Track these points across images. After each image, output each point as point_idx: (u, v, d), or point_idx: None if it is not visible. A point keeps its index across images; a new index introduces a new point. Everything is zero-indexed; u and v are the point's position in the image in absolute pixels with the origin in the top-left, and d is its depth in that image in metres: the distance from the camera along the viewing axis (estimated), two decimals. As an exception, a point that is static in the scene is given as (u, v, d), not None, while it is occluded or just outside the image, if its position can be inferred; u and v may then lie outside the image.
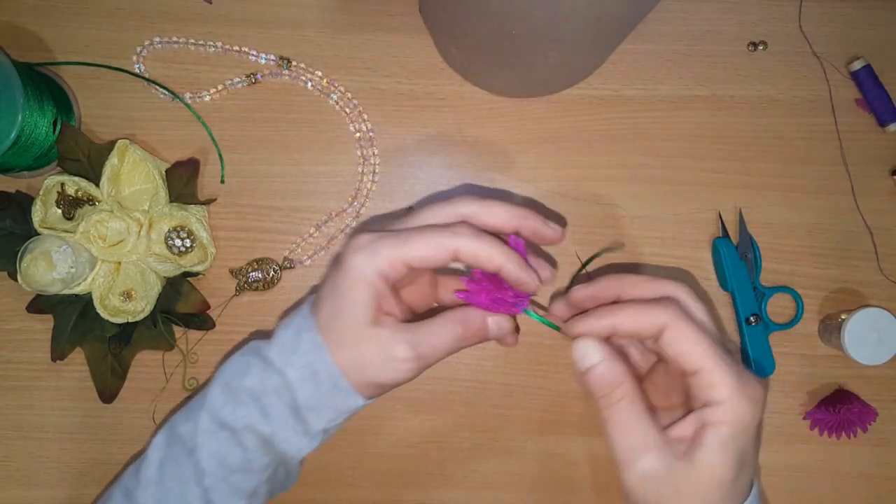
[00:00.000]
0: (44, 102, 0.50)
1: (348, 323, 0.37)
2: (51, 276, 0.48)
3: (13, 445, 0.54)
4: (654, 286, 0.37)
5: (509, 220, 0.38)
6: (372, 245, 0.36)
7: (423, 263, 0.36)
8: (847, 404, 0.54)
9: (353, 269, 0.36)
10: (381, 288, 0.37)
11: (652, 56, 0.56)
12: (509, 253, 0.37)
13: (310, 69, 0.55)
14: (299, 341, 0.38)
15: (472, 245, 0.36)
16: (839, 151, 0.57)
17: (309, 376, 0.38)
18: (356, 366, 0.37)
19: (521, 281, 0.37)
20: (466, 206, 0.38)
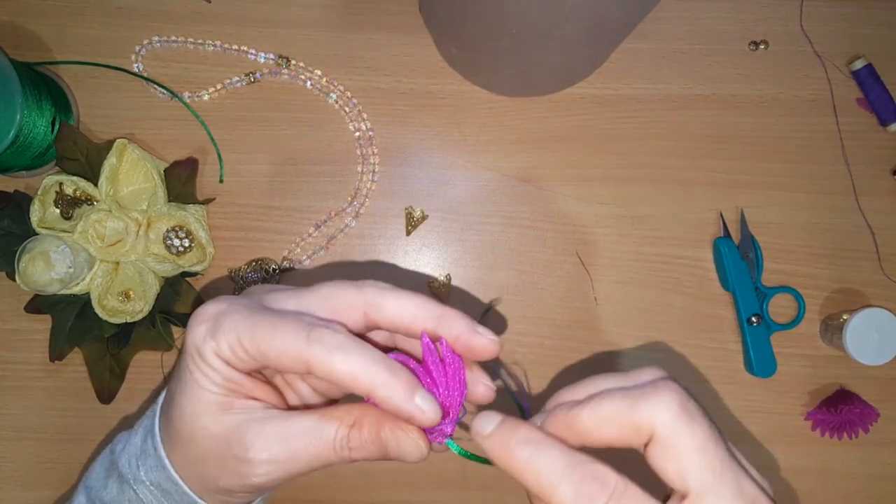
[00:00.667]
0: (42, 102, 0.50)
1: (183, 415, 0.29)
2: (49, 276, 0.48)
3: (11, 446, 0.53)
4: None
5: (421, 316, 0.28)
6: (216, 319, 0.28)
7: (269, 363, 0.27)
8: (848, 405, 0.54)
9: (190, 345, 0.28)
10: (223, 370, 0.28)
11: (653, 55, 0.56)
12: (387, 372, 0.26)
13: (309, 68, 0.55)
14: (146, 451, 0.31)
15: (331, 361, 0.26)
16: (840, 151, 0.57)
17: (161, 495, 0.31)
18: (198, 473, 0.29)
19: (399, 413, 0.27)
20: (371, 292, 0.28)
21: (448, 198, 0.55)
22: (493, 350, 0.29)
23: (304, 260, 0.54)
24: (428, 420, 0.27)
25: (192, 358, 0.28)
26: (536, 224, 0.55)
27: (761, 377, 0.55)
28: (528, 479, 0.26)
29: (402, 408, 0.26)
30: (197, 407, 0.28)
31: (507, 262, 0.55)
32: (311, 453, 0.28)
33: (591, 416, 0.26)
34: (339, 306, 0.29)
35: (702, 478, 0.24)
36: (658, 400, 0.25)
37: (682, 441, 0.24)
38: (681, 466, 0.24)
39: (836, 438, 0.56)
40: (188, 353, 0.28)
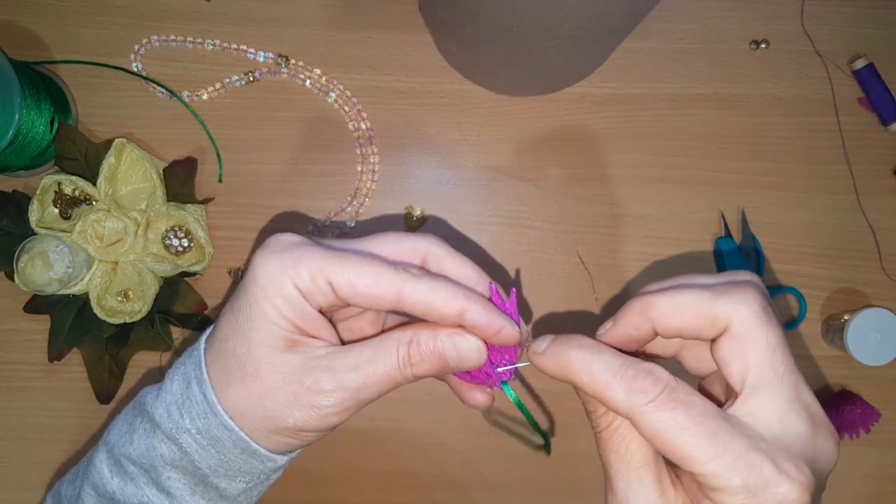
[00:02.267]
0: (41, 101, 0.50)
1: (249, 349, 0.28)
2: (48, 276, 0.48)
3: (10, 446, 0.53)
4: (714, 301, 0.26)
5: (474, 280, 0.30)
6: (293, 250, 0.28)
7: (355, 295, 0.28)
8: (850, 405, 0.54)
9: (262, 276, 0.28)
10: (298, 303, 0.28)
11: (653, 54, 0.56)
12: (476, 296, 0.28)
13: (308, 67, 0.55)
14: (189, 397, 0.30)
15: (424, 288, 0.27)
16: (841, 150, 0.57)
17: (207, 444, 0.29)
18: (260, 412, 0.29)
19: (491, 327, 0.28)
20: (432, 245, 0.30)
21: (448, 198, 0.55)
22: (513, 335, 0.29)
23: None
24: (515, 334, 0.29)
25: (264, 290, 0.28)
26: (536, 224, 0.55)
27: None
28: (584, 380, 0.26)
29: (493, 322, 0.28)
30: (265, 341, 0.28)
31: (507, 262, 0.55)
32: (378, 376, 0.28)
33: (669, 302, 0.27)
34: (401, 251, 0.30)
35: (763, 375, 0.25)
36: (742, 297, 0.25)
37: (756, 338, 0.25)
38: (746, 362, 0.25)
39: (837, 439, 0.55)
40: (258, 285, 0.28)
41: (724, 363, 0.26)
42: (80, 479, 0.33)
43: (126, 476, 0.31)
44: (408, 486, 0.55)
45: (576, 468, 0.55)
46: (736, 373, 0.25)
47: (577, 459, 0.55)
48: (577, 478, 0.55)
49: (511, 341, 0.29)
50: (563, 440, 0.55)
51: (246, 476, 0.31)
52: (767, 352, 0.25)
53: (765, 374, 0.25)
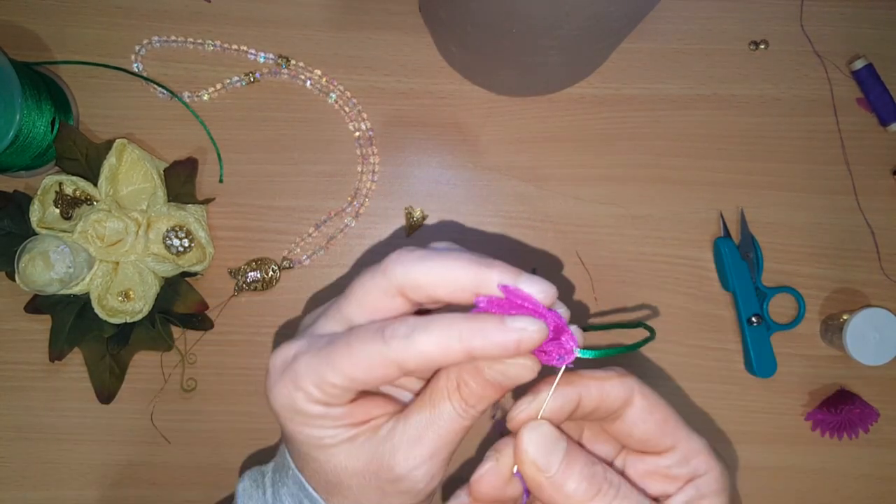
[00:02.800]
0: (42, 102, 0.50)
1: (322, 464, 0.28)
2: (49, 276, 0.48)
3: (11, 446, 0.53)
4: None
5: (461, 280, 0.26)
6: (290, 371, 0.27)
7: (361, 386, 0.26)
8: (849, 405, 0.54)
9: (280, 409, 0.27)
10: (324, 413, 0.27)
11: (653, 55, 0.56)
12: (472, 323, 0.24)
13: (309, 68, 0.55)
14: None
15: (418, 350, 0.24)
16: (840, 151, 0.57)
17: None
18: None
19: (507, 347, 0.24)
20: (397, 273, 0.26)
21: (448, 198, 0.55)
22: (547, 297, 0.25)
23: (304, 260, 0.54)
24: (536, 334, 0.24)
25: (291, 419, 0.27)
26: (536, 224, 0.55)
27: (761, 377, 0.55)
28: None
29: (503, 342, 0.24)
30: (328, 455, 0.28)
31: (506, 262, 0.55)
32: (445, 435, 0.27)
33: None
34: (375, 303, 0.27)
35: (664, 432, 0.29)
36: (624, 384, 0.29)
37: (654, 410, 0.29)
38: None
39: (836, 438, 0.55)
40: (284, 418, 0.27)
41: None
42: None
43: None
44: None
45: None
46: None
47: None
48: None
49: (535, 345, 0.24)
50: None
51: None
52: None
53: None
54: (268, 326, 0.54)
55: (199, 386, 0.54)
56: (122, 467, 0.54)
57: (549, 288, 0.25)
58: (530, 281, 0.25)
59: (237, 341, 0.54)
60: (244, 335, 0.54)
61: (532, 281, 0.25)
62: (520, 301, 0.25)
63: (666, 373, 0.56)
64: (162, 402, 0.54)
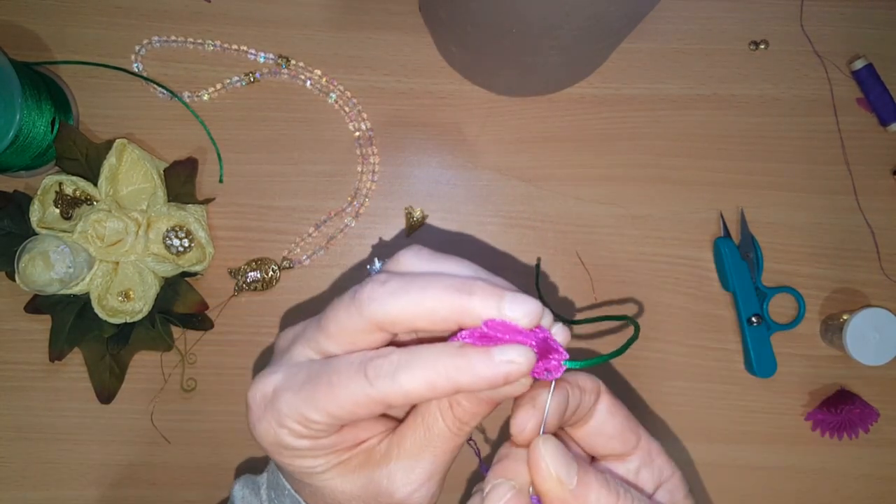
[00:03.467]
0: (42, 102, 0.50)
1: (319, 491, 0.28)
2: (49, 276, 0.48)
3: (11, 446, 0.53)
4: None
5: (436, 310, 0.24)
6: (272, 406, 0.26)
7: (344, 422, 0.26)
8: (849, 405, 0.54)
9: (268, 446, 0.27)
10: (312, 445, 0.26)
11: (653, 55, 0.56)
12: (457, 359, 0.24)
13: (309, 68, 0.55)
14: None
15: (399, 388, 0.24)
16: (840, 151, 0.57)
17: None
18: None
19: (496, 381, 0.23)
20: (371, 309, 0.24)
21: (448, 198, 0.55)
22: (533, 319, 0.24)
23: (304, 260, 0.54)
24: (524, 366, 0.23)
25: (280, 453, 0.27)
26: (536, 224, 0.55)
27: (761, 377, 0.55)
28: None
29: (492, 376, 0.23)
30: (323, 482, 0.27)
31: (507, 262, 0.55)
32: (439, 456, 0.27)
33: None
34: (353, 339, 0.26)
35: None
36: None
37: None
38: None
39: (836, 438, 0.55)
40: (273, 453, 0.27)
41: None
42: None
43: None
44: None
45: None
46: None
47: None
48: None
49: (523, 375, 0.23)
50: (562, 440, 0.55)
51: None
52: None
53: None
54: (268, 326, 0.54)
55: (199, 386, 0.54)
56: (122, 467, 0.54)
57: (535, 308, 0.24)
58: (513, 303, 0.24)
59: (237, 341, 0.54)
60: (244, 335, 0.54)
61: (515, 303, 0.24)
62: (504, 332, 0.24)
63: (666, 373, 0.56)
64: (162, 402, 0.54)
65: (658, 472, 0.30)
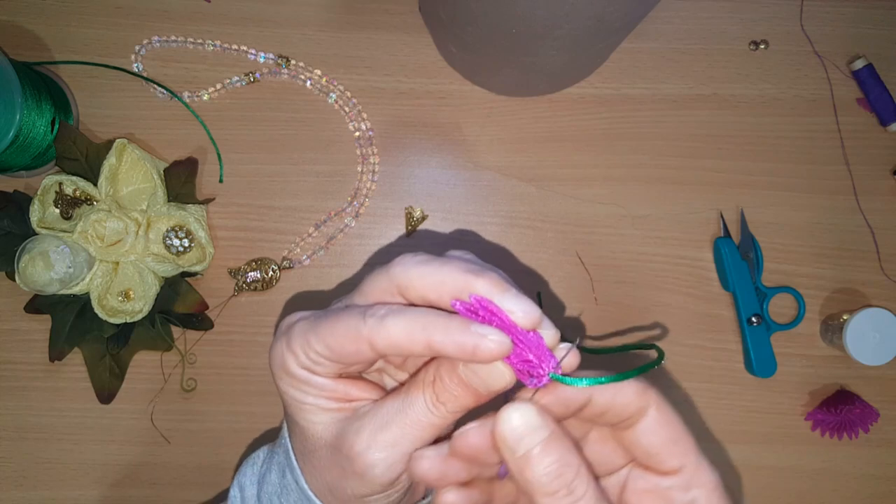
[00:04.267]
0: (42, 102, 0.50)
1: (303, 429, 0.29)
2: (48, 276, 0.48)
3: (11, 446, 0.53)
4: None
5: (448, 288, 0.26)
6: (287, 332, 0.28)
7: (338, 358, 0.27)
8: (848, 405, 0.54)
9: (274, 367, 0.29)
10: (308, 379, 0.28)
11: (653, 55, 0.56)
12: (440, 317, 0.25)
13: (309, 68, 0.55)
14: (285, 486, 0.31)
15: (387, 332, 0.25)
16: (841, 151, 0.57)
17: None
18: (325, 487, 0.29)
19: (465, 347, 0.25)
20: (397, 272, 0.27)
21: (448, 198, 0.55)
22: (527, 317, 0.25)
23: (304, 260, 0.54)
24: (494, 345, 0.24)
25: (281, 378, 0.29)
26: (536, 224, 0.55)
27: (761, 377, 0.55)
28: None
29: (463, 341, 0.25)
30: (307, 422, 0.29)
31: (507, 263, 0.55)
32: (411, 426, 0.27)
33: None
34: (378, 298, 0.28)
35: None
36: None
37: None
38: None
39: (836, 438, 0.55)
40: (276, 376, 0.29)
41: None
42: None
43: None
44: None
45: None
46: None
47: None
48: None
49: (496, 354, 0.25)
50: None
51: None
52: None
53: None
54: (268, 326, 0.54)
55: (199, 386, 0.54)
56: (122, 467, 0.54)
57: (531, 310, 0.25)
58: (513, 300, 0.25)
59: (237, 341, 0.54)
60: (244, 335, 0.54)
61: (514, 300, 0.25)
62: (491, 314, 0.25)
63: (666, 373, 0.56)
64: (162, 402, 0.54)
65: (691, 499, 0.28)
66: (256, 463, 0.35)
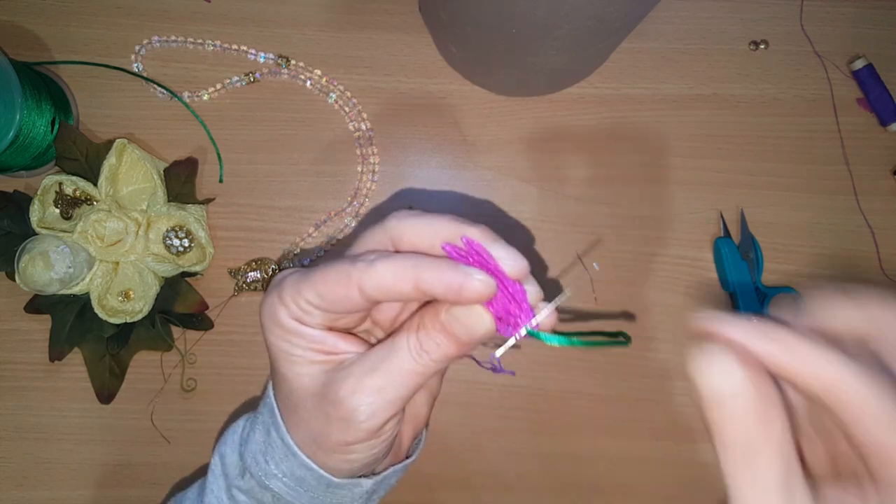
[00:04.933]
0: (42, 102, 0.50)
1: (288, 383, 0.30)
2: (48, 276, 0.48)
3: (11, 446, 0.53)
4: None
5: (439, 238, 0.27)
6: (278, 285, 0.29)
7: (328, 304, 0.28)
8: (849, 405, 0.54)
9: (263, 318, 0.29)
10: (297, 329, 0.29)
11: (653, 55, 0.56)
12: (429, 260, 0.26)
13: (309, 68, 0.55)
14: (270, 443, 0.32)
15: (375, 274, 0.26)
16: (841, 151, 0.57)
17: (295, 484, 0.31)
18: (309, 437, 0.30)
19: (452, 286, 0.25)
20: (391, 224, 0.28)
21: (448, 198, 0.55)
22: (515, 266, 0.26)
23: (304, 260, 0.54)
24: (480, 284, 0.25)
25: (269, 329, 0.29)
26: (536, 224, 0.55)
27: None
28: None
29: (451, 278, 0.25)
30: (292, 371, 0.29)
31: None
32: (395, 372, 0.28)
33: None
34: (372, 244, 0.29)
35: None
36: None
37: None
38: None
39: (837, 438, 0.55)
40: (264, 327, 0.29)
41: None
42: (200, 496, 0.36)
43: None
44: (408, 487, 0.55)
45: (576, 469, 0.55)
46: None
47: (577, 460, 0.55)
48: (577, 478, 0.55)
49: (481, 294, 0.25)
50: (563, 441, 0.55)
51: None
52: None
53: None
54: (268, 326, 0.54)
55: (199, 386, 0.54)
56: (122, 467, 0.54)
57: (519, 260, 0.26)
58: (503, 248, 0.26)
59: (237, 341, 0.54)
60: (244, 335, 0.54)
61: (504, 248, 0.26)
62: (480, 260, 0.26)
63: (666, 373, 0.56)
64: (162, 402, 0.54)
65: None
66: (237, 431, 0.35)
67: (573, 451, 0.55)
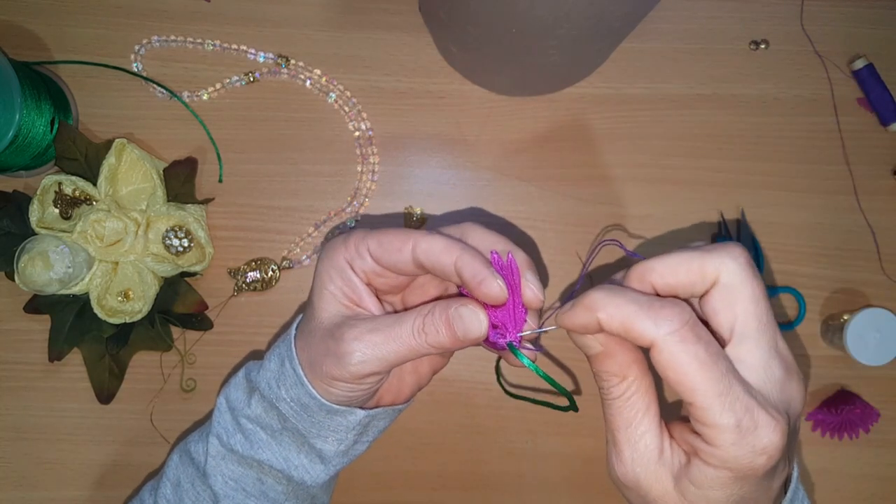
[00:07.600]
0: (41, 101, 0.50)
1: (313, 317, 0.35)
2: (48, 276, 0.48)
3: (10, 446, 0.53)
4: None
5: (495, 243, 0.33)
6: (347, 236, 0.35)
7: (382, 252, 0.33)
8: (849, 405, 0.54)
9: (324, 255, 0.35)
10: (346, 272, 0.34)
11: (653, 55, 0.56)
12: (470, 248, 0.32)
13: (308, 67, 0.55)
14: (283, 373, 0.37)
15: (429, 240, 0.32)
16: (841, 151, 0.57)
17: (300, 409, 0.36)
18: (307, 361, 0.35)
19: (477, 276, 0.31)
20: (469, 226, 0.34)
21: (448, 198, 0.55)
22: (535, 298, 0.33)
23: (304, 260, 0.54)
24: (497, 288, 0.31)
25: (323, 263, 0.35)
26: (536, 224, 0.55)
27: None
28: (611, 313, 0.28)
29: (480, 270, 0.31)
30: (322, 306, 0.35)
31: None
32: (394, 337, 0.33)
33: (664, 263, 0.30)
34: (392, 246, 0.34)
35: (749, 324, 0.27)
36: (728, 253, 0.28)
37: (743, 289, 0.27)
38: (735, 311, 0.27)
39: (837, 439, 0.55)
40: (321, 261, 0.35)
41: (714, 313, 0.28)
42: (205, 435, 0.40)
43: (245, 432, 0.38)
44: (408, 487, 0.55)
45: (575, 468, 0.55)
46: (725, 322, 0.28)
47: (577, 460, 0.55)
48: (576, 478, 0.55)
49: (493, 295, 0.31)
50: (562, 441, 0.55)
51: (334, 434, 0.37)
52: (753, 303, 0.27)
53: (750, 324, 0.27)
54: (268, 326, 0.54)
55: (199, 386, 0.54)
56: (122, 467, 0.54)
57: (540, 293, 0.32)
58: (534, 277, 0.33)
59: (237, 341, 0.54)
60: (244, 335, 0.54)
61: (535, 278, 0.32)
62: (510, 276, 0.32)
63: (666, 373, 0.56)
64: (161, 403, 0.54)
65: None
66: (239, 377, 0.40)
67: (574, 452, 0.55)
